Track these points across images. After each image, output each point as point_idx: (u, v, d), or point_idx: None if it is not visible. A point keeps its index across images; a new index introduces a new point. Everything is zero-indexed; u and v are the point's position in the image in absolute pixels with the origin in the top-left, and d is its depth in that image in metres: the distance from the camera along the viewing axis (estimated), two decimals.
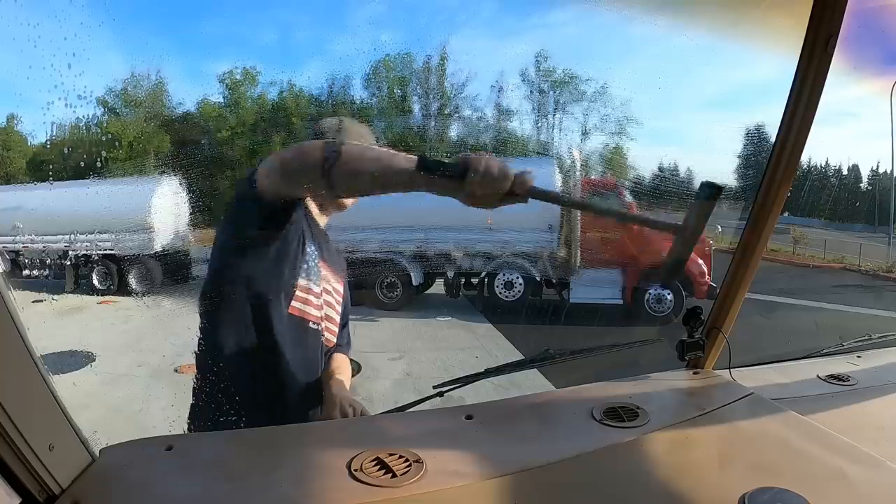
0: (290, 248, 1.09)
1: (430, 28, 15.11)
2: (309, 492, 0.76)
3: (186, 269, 8.12)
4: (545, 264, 7.63)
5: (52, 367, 0.66)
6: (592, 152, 13.80)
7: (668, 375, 1.17)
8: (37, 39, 1.00)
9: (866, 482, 0.77)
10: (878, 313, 7.02)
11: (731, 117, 22.20)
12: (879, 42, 1.28)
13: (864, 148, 24.85)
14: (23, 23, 0.96)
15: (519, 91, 15.05)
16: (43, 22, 1.01)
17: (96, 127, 11.01)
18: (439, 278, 8.24)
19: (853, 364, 1.29)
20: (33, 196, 8.51)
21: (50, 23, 1.04)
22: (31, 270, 8.99)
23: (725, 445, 0.91)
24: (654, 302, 7.33)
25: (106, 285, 8.52)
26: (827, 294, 9.49)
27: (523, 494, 0.74)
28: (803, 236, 12.75)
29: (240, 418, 1.04)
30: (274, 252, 1.07)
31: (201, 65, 16.86)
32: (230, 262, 1.09)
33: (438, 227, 7.65)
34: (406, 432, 0.93)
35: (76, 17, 1.11)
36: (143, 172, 9.96)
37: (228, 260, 1.09)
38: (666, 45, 7.68)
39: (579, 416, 0.96)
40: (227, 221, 1.11)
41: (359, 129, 1.24)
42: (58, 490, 0.65)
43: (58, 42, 1.00)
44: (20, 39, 0.99)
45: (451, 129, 14.18)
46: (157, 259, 8.34)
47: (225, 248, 1.09)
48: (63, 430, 0.68)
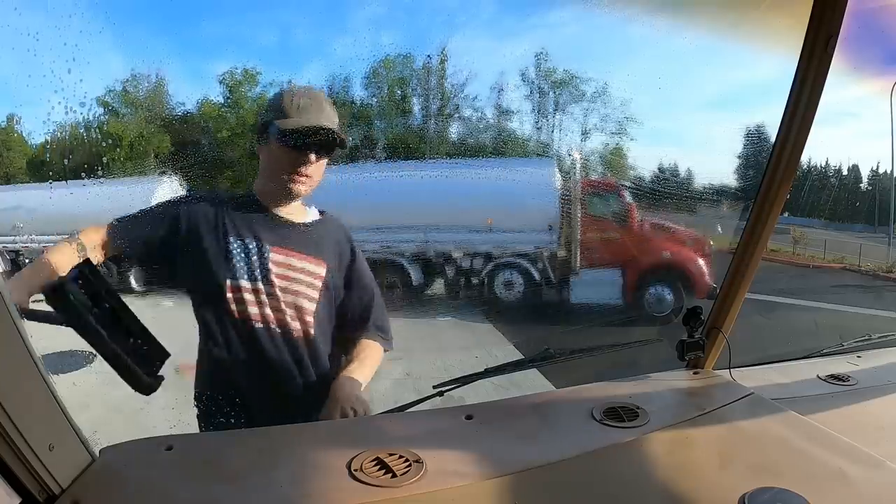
0: (201, 258, 1.10)
1: (429, 28, 15.09)
2: (309, 492, 0.76)
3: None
4: (545, 264, 7.62)
5: (52, 367, 0.66)
6: (592, 153, 13.80)
7: (668, 375, 1.17)
8: (37, 43, 1.01)
9: (866, 482, 0.77)
10: (878, 313, 7.01)
11: (731, 117, 22.18)
12: (879, 42, 1.28)
13: (864, 148, 24.84)
14: (23, 32, 0.97)
15: (519, 91, 15.05)
16: (44, 24, 1.02)
17: (96, 128, 10.99)
18: (439, 278, 8.24)
19: (853, 364, 1.29)
20: (33, 196, 8.50)
21: (51, 25, 1.04)
22: None
23: (725, 445, 0.91)
24: (654, 302, 7.33)
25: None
26: (827, 294, 9.48)
27: (523, 494, 0.74)
28: (803, 236, 12.74)
29: (228, 420, 1.05)
30: (184, 267, 1.12)
31: (201, 65, 16.85)
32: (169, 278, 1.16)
33: (438, 227, 7.65)
34: (406, 432, 0.93)
35: (76, 22, 1.11)
36: (144, 173, 9.96)
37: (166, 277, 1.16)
38: (666, 45, 7.68)
39: (579, 416, 0.96)
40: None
41: (300, 100, 1.11)
42: (58, 490, 0.65)
43: (59, 43, 1.01)
44: (20, 43, 1.00)
45: (451, 130, 14.19)
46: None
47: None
48: (63, 430, 0.68)
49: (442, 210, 7.31)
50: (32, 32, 1.00)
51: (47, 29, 1.02)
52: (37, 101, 1.43)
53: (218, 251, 1.10)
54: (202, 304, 1.12)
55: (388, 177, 7.63)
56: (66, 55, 0.98)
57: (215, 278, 1.09)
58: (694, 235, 7.53)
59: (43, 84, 1.02)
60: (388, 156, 12.95)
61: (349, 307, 1.24)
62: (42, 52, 0.99)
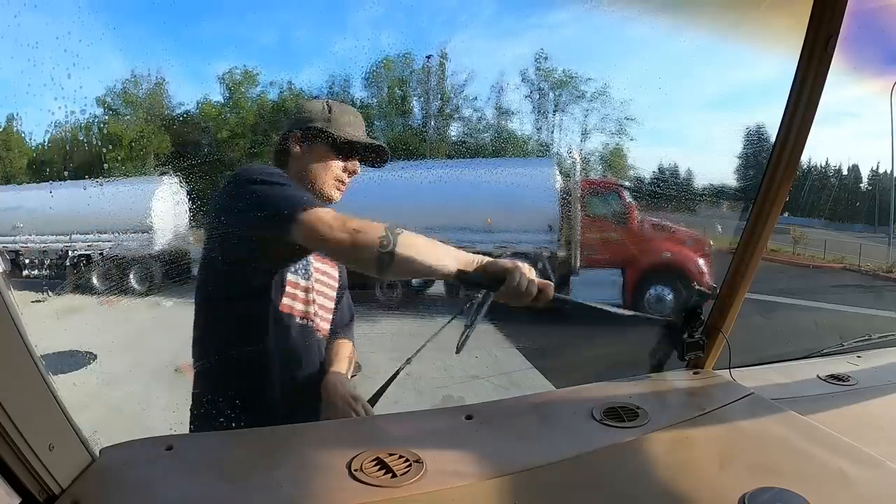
0: (283, 252, 1.07)
1: (429, 29, 15.11)
2: (309, 492, 0.76)
3: (186, 269, 8.12)
4: (545, 264, 7.63)
5: (52, 367, 0.66)
6: (592, 153, 13.79)
7: (668, 375, 1.17)
8: (37, 43, 1.01)
9: (866, 482, 0.77)
10: (878, 313, 7.02)
11: (731, 117, 22.22)
12: (879, 42, 1.28)
13: (864, 148, 24.84)
14: (23, 38, 0.97)
15: (519, 91, 15.06)
16: (44, 24, 1.02)
17: (96, 128, 11.02)
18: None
19: (853, 364, 1.29)
20: (33, 196, 8.51)
21: (52, 25, 1.04)
22: (31, 270, 8.99)
23: (725, 445, 0.91)
24: (654, 302, 7.33)
25: (106, 285, 8.52)
26: (827, 294, 9.48)
27: (523, 494, 0.74)
28: (803, 236, 12.74)
29: (238, 418, 1.04)
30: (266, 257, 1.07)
31: (201, 66, 16.87)
32: (221, 263, 1.07)
33: (438, 227, 7.66)
34: (406, 432, 0.93)
35: (76, 22, 1.11)
36: (144, 173, 9.97)
37: (219, 261, 1.07)
38: (666, 45, 7.68)
39: (579, 416, 0.96)
40: (224, 223, 1.06)
41: (347, 115, 1.18)
42: (58, 490, 0.65)
43: (59, 45, 1.01)
44: (21, 44, 1.00)
45: (452, 130, 14.17)
46: (157, 259, 8.33)
47: (215, 248, 1.07)
48: (63, 430, 0.68)
49: (442, 210, 7.32)
50: (32, 34, 1.01)
51: (47, 29, 1.02)
52: (37, 101, 1.42)
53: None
54: (246, 296, 1.09)
55: (389, 177, 7.63)
56: (67, 58, 0.98)
57: (280, 274, 1.11)
58: (694, 235, 7.53)
59: (44, 85, 1.03)
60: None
61: (344, 306, 1.32)
62: (43, 53, 0.99)
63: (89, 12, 1.17)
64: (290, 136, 1.15)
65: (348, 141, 1.14)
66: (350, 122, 1.17)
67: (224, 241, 1.05)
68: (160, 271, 8.43)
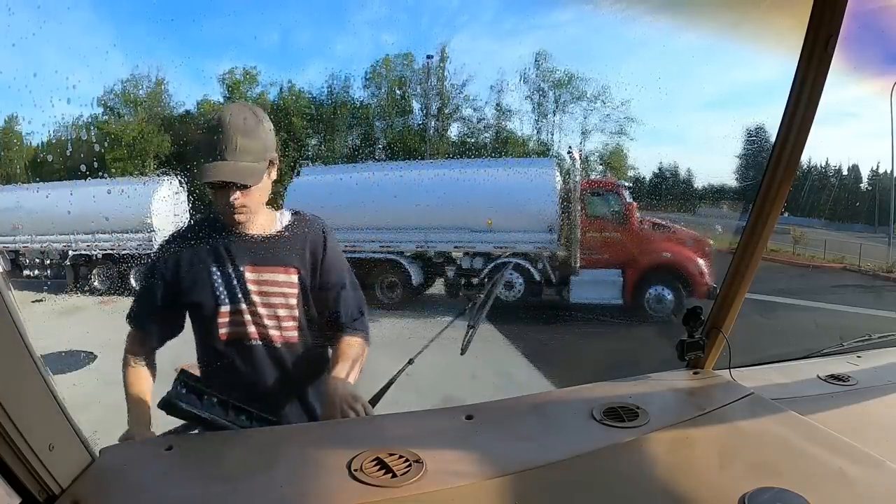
0: (196, 295, 1.16)
1: (430, 29, 15.12)
2: (309, 492, 0.76)
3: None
4: (545, 264, 7.62)
5: (52, 367, 0.66)
6: (592, 153, 13.80)
7: (668, 375, 1.17)
8: (37, 45, 1.01)
9: (866, 482, 0.77)
10: (877, 313, 7.01)
11: (731, 117, 22.21)
12: (879, 42, 1.28)
13: (864, 148, 24.82)
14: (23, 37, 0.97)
15: (519, 92, 15.05)
16: (44, 25, 1.02)
17: (96, 128, 11.01)
18: (439, 278, 8.23)
19: (853, 364, 1.29)
20: (33, 196, 8.50)
21: (51, 26, 1.04)
22: (31, 270, 8.98)
23: (725, 445, 0.91)
24: (654, 302, 7.33)
25: (106, 285, 8.52)
26: (827, 294, 9.47)
27: (523, 494, 0.74)
28: (803, 236, 12.72)
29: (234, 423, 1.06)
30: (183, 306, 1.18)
31: (201, 65, 16.85)
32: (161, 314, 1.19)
33: (438, 227, 7.65)
34: (406, 432, 0.93)
35: (76, 24, 1.11)
36: (144, 173, 9.96)
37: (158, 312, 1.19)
38: (666, 45, 7.68)
39: (579, 416, 0.96)
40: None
41: (245, 118, 1.09)
42: (58, 490, 0.65)
43: (59, 45, 1.01)
44: (22, 43, 1.00)
45: (452, 130, 14.18)
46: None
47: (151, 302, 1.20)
48: (63, 430, 0.69)
49: (442, 210, 7.31)
50: (33, 33, 1.01)
51: (47, 29, 1.02)
52: (38, 102, 1.42)
53: (203, 280, 1.16)
54: (195, 327, 1.21)
55: (389, 177, 7.63)
56: (67, 58, 0.98)
57: (202, 306, 1.16)
58: (694, 235, 7.53)
59: (44, 86, 1.03)
60: (388, 156, 12.93)
61: (324, 302, 1.25)
62: (43, 53, 0.99)
63: (89, 12, 1.17)
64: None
65: (208, 179, 1.09)
66: (214, 146, 1.07)
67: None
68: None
